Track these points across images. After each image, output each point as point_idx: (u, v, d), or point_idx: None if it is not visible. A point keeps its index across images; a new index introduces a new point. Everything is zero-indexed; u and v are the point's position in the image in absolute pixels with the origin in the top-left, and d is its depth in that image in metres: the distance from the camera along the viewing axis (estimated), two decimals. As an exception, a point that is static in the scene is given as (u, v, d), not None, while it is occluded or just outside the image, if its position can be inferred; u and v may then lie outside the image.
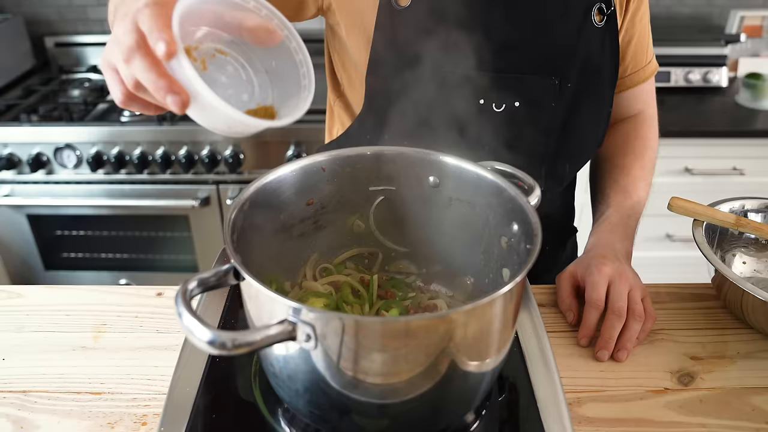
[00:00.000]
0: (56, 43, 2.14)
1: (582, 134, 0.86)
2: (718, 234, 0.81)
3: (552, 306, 0.78)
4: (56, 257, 1.93)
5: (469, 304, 0.46)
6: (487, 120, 0.80)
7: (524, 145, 0.82)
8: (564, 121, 0.83)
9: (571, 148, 0.87)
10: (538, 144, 0.83)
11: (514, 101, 0.79)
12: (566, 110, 0.82)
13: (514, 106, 0.79)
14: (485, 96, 0.79)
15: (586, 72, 0.81)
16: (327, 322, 0.45)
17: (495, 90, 0.78)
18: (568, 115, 0.83)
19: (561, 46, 0.79)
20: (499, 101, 0.79)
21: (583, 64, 0.80)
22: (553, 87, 0.79)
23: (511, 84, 0.79)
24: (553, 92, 0.80)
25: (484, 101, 0.79)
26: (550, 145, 0.84)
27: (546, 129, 0.82)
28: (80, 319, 0.76)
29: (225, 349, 0.43)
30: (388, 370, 0.48)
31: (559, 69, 0.79)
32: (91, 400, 0.64)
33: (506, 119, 0.80)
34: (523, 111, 0.80)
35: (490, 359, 0.53)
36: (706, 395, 0.66)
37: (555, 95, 0.80)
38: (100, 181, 1.75)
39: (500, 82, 0.78)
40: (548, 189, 0.88)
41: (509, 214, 0.60)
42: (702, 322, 0.76)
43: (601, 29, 0.80)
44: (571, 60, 0.79)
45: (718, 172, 1.78)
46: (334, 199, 0.67)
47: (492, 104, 0.79)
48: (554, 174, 0.88)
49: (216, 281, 0.49)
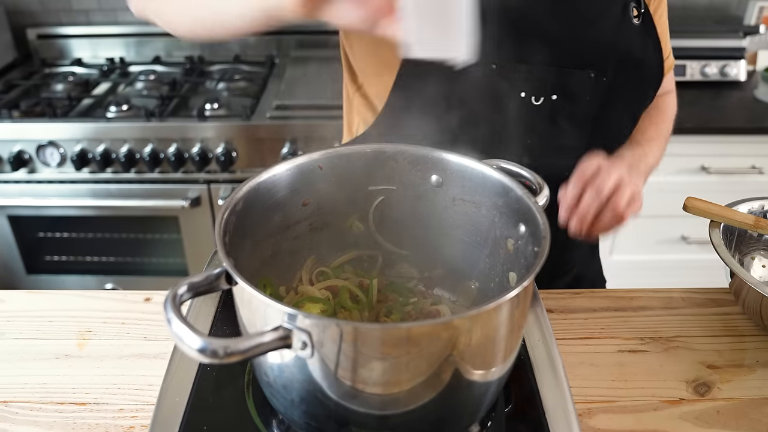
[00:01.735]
0: (39, 34, 2.14)
1: (617, 129, 0.89)
2: (736, 236, 0.81)
3: (562, 312, 0.78)
4: (39, 260, 1.93)
5: (474, 310, 0.46)
6: (526, 113, 0.83)
7: (560, 139, 0.85)
8: (598, 116, 0.86)
9: (605, 143, 0.89)
10: (574, 138, 0.86)
11: (552, 94, 0.82)
12: (601, 104, 0.85)
13: (552, 99, 0.82)
14: (526, 89, 0.82)
15: (624, 68, 0.84)
16: (324, 328, 0.45)
17: (535, 83, 0.82)
18: (602, 110, 0.85)
19: (601, 40, 0.82)
20: (538, 94, 0.82)
21: (621, 59, 0.83)
22: (590, 81, 0.82)
23: (551, 77, 0.82)
24: (590, 86, 0.83)
25: (525, 94, 0.82)
26: (585, 139, 0.87)
27: (581, 122, 0.85)
28: (64, 325, 0.76)
29: (216, 357, 0.43)
30: (389, 380, 0.48)
31: (598, 63, 0.82)
32: (76, 411, 0.64)
33: (544, 112, 0.83)
34: (560, 104, 0.83)
35: (496, 368, 0.53)
36: (724, 406, 0.66)
37: (591, 89, 0.83)
38: (84, 180, 1.75)
39: (541, 75, 0.81)
40: None
41: (516, 214, 0.60)
42: (719, 329, 0.76)
43: (639, 26, 0.85)
44: (609, 55, 0.83)
45: (735, 171, 1.78)
46: (331, 199, 0.67)
47: (531, 97, 0.82)
48: None
49: (207, 286, 0.49)
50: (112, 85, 1.96)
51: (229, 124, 1.70)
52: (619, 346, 0.74)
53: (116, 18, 2.17)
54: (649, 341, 0.74)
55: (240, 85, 1.94)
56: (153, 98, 1.82)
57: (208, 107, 1.75)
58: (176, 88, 1.91)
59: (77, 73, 2.05)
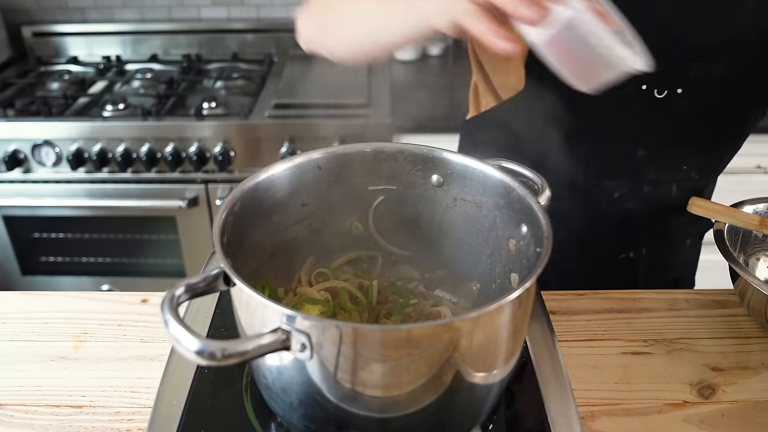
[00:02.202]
0: (34, 32, 2.15)
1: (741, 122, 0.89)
2: (741, 236, 0.81)
3: (564, 313, 0.78)
4: (34, 261, 1.93)
5: (475, 312, 0.46)
6: (648, 107, 0.82)
7: (681, 133, 0.85)
8: (725, 110, 0.85)
9: (729, 137, 0.90)
10: (697, 132, 0.86)
11: (677, 88, 0.81)
12: (729, 98, 0.84)
13: (677, 93, 0.81)
14: (648, 81, 0.81)
15: (757, 63, 0.82)
16: (323, 330, 0.45)
17: (659, 76, 0.79)
18: (730, 103, 0.84)
19: (731, 34, 0.80)
20: (662, 87, 0.80)
21: (754, 54, 0.81)
22: (718, 74, 0.81)
23: (676, 70, 0.80)
24: (718, 79, 0.81)
25: (647, 87, 0.81)
26: (708, 134, 0.87)
27: (704, 117, 0.85)
28: (60, 327, 0.76)
29: (214, 359, 0.43)
30: (389, 382, 0.48)
31: (728, 57, 0.80)
32: (72, 414, 0.64)
33: (667, 106, 0.82)
34: (684, 98, 0.82)
35: (498, 370, 0.53)
36: (729, 409, 0.66)
37: (719, 83, 0.81)
38: (80, 180, 1.75)
39: (665, 67, 0.79)
40: (701, 179, 0.92)
41: (518, 215, 0.60)
42: (724, 331, 0.76)
43: None
44: (740, 49, 0.80)
45: (740, 171, 1.78)
46: (330, 199, 0.67)
47: (654, 90, 0.81)
48: (710, 164, 0.92)
49: (205, 287, 0.49)
50: (108, 83, 1.96)
51: (227, 123, 1.70)
52: (623, 348, 0.74)
53: (112, 15, 2.18)
54: (652, 343, 0.74)
55: (238, 84, 1.94)
56: (150, 97, 1.82)
57: (205, 106, 1.75)
58: (173, 87, 1.91)
59: (73, 71, 2.05)
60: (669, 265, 1.01)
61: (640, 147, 0.87)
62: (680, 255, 1.02)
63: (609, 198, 0.91)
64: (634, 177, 0.90)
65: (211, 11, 2.18)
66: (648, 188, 0.90)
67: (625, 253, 0.97)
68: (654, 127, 0.85)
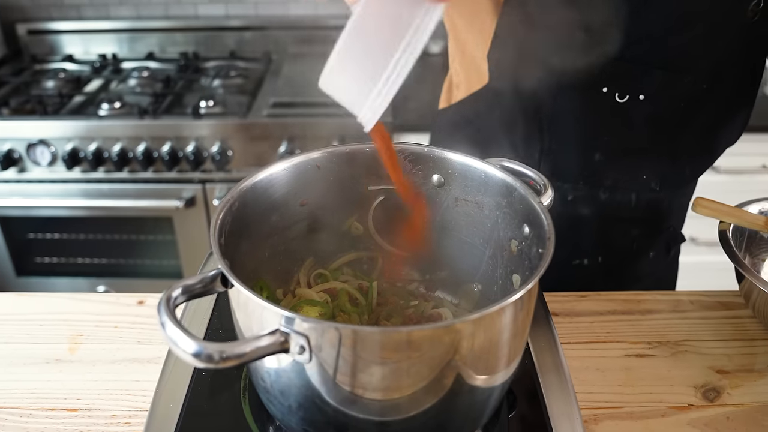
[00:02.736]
0: (29, 30, 2.15)
1: (708, 137, 0.88)
2: (747, 237, 0.81)
3: (567, 315, 0.78)
4: (29, 262, 1.93)
5: (477, 313, 0.46)
6: (609, 110, 0.82)
7: (642, 142, 0.85)
8: (690, 121, 0.84)
9: (693, 150, 0.88)
10: (658, 142, 0.85)
11: (639, 94, 0.80)
12: (694, 109, 0.83)
13: (639, 99, 0.81)
14: (609, 84, 0.81)
15: (724, 72, 0.81)
16: (322, 332, 0.45)
17: (622, 81, 0.80)
18: (695, 115, 0.84)
19: (696, 44, 0.78)
20: (623, 92, 0.80)
21: (721, 63, 0.80)
22: (684, 84, 0.80)
23: (639, 76, 0.80)
24: (684, 89, 0.81)
25: (608, 90, 0.81)
26: (668, 144, 0.86)
27: (667, 127, 0.84)
28: (55, 329, 0.76)
29: (212, 361, 0.43)
30: (389, 385, 0.48)
31: (694, 66, 0.80)
32: (67, 417, 0.64)
33: (628, 112, 0.82)
34: (647, 105, 0.81)
35: (500, 373, 0.53)
36: (734, 412, 0.66)
37: (685, 93, 0.81)
38: (76, 179, 1.75)
39: (628, 72, 0.80)
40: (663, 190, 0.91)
41: (520, 215, 0.60)
42: (729, 333, 0.76)
43: (752, 26, 0.79)
44: (705, 61, 0.79)
45: (746, 170, 1.78)
46: (330, 199, 0.67)
47: (615, 94, 0.81)
48: (671, 176, 0.90)
49: (202, 288, 0.49)
50: (104, 81, 1.96)
51: (225, 122, 1.70)
52: (626, 350, 0.74)
53: (108, 13, 2.18)
54: (656, 345, 0.74)
55: (236, 82, 1.94)
56: (146, 95, 1.82)
57: (203, 105, 1.75)
58: (170, 85, 1.91)
59: (68, 69, 2.05)
60: (633, 276, 0.99)
61: (598, 151, 0.86)
62: (644, 267, 0.99)
63: (562, 200, 0.90)
64: (589, 181, 0.89)
65: (209, 8, 2.18)
66: (604, 195, 0.90)
67: (578, 259, 0.96)
68: (613, 131, 0.84)
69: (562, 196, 0.90)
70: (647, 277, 1.00)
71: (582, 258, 0.96)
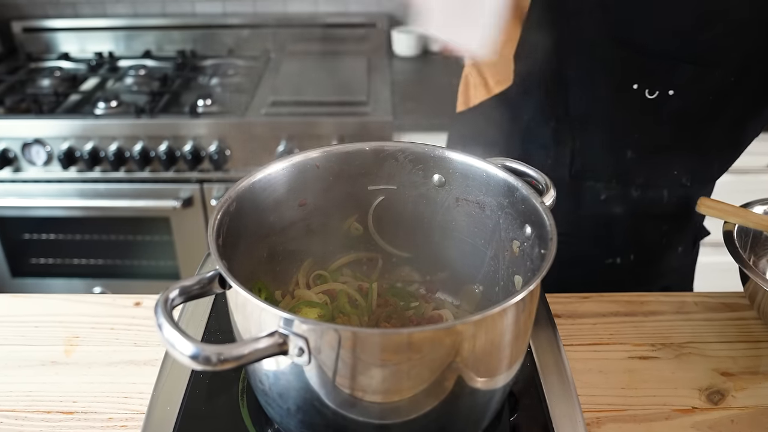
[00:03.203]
0: (24, 28, 2.15)
1: (736, 130, 0.89)
2: (751, 237, 0.81)
3: (570, 317, 0.78)
4: (24, 263, 1.93)
5: (478, 315, 0.46)
6: (639, 107, 0.82)
7: (672, 137, 0.85)
8: (718, 115, 0.85)
9: (721, 144, 0.89)
10: (687, 137, 0.86)
11: (668, 89, 0.81)
12: (723, 103, 0.83)
13: (668, 95, 0.81)
14: (639, 81, 0.81)
15: (753, 65, 0.81)
16: (321, 334, 0.45)
17: (651, 76, 0.81)
18: (724, 109, 0.84)
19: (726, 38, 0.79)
20: (653, 88, 0.81)
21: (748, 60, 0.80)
22: (713, 78, 0.80)
23: (668, 71, 0.80)
24: (713, 83, 0.81)
25: (638, 86, 0.81)
26: (700, 139, 0.86)
27: (698, 121, 0.85)
28: (50, 331, 0.76)
29: (209, 364, 0.43)
30: (389, 388, 0.48)
31: (724, 60, 0.80)
32: (63, 420, 0.64)
33: (658, 108, 0.82)
34: (676, 100, 0.82)
35: (501, 375, 0.53)
36: (738, 415, 0.66)
37: (714, 86, 0.81)
38: (72, 179, 1.75)
39: (657, 67, 0.80)
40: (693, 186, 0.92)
41: (522, 215, 0.60)
42: (733, 335, 0.76)
43: None
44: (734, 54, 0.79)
45: (750, 170, 1.78)
46: (329, 199, 0.67)
47: (645, 90, 0.81)
48: (701, 171, 0.91)
49: (200, 289, 0.49)
50: (100, 80, 1.96)
51: (223, 121, 1.70)
52: (629, 352, 0.74)
53: (105, 10, 2.18)
54: (660, 347, 0.74)
55: (234, 81, 1.94)
56: (143, 94, 1.83)
57: (200, 103, 1.75)
58: (167, 84, 1.91)
59: (64, 67, 2.05)
60: (659, 272, 1.00)
61: (629, 149, 0.87)
62: (671, 262, 1.01)
63: (595, 200, 0.91)
64: (622, 180, 0.90)
65: (206, 6, 2.18)
66: (636, 192, 0.90)
67: (611, 258, 0.97)
68: (644, 128, 0.85)
69: (595, 195, 0.91)
70: (672, 272, 1.01)
71: (615, 257, 0.97)
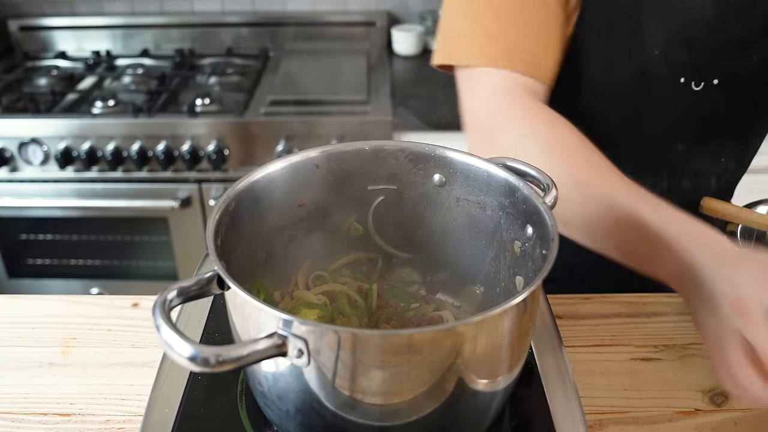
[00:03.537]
0: (21, 26, 2.15)
1: None
2: (755, 238, 0.81)
3: (571, 318, 0.78)
4: (21, 264, 1.93)
5: (479, 316, 0.46)
6: (686, 100, 0.84)
7: (719, 127, 0.87)
8: (761, 99, 0.87)
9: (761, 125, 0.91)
10: (734, 125, 0.88)
11: (713, 79, 0.82)
12: (761, 87, 0.86)
13: (713, 84, 0.83)
14: (685, 74, 0.82)
15: None
16: (321, 335, 0.45)
17: (696, 68, 0.82)
18: (762, 92, 0.86)
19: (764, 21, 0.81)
20: (699, 79, 0.82)
21: None
22: (754, 62, 0.82)
23: (711, 60, 0.82)
24: (754, 68, 0.83)
25: (684, 80, 0.83)
26: (745, 124, 0.89)
27: (743, 109, 0.87)
28: (47, 332, 0.76)
29: (208, 365, 0.43)
30: (389, 389, 0.48)
31: (764, 44, 0.82)
32: (60, 422, 0.64)
33: (704, 98, 0.84)
34: (722, 89, 0.83)
35: (502, 377, 0.53)
36: (742, 417, 0.66)
37: (755, 71, 0.83)
38: (69, 179, 1.75)
39: (702, 58, 0.82)
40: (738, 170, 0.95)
41: (523, 215, 0.60)
42: (737, 336, 0.76)
43: None
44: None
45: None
46: (329, 199, 0.67)
47: (692, 83, 0.83)
48: (746, 156, 0.95)
49: (198, 290, 0.49)
50: (97, 79, 1.96)
51: (221, 120, 1.70)
52: (632, 353, 0.74)
53: (102, 9, 2.18)
54: (663, 349, 0.74)
55: (233, 80, 1.94)
56: (141, 93, 1.83)
57: (199, 102, 1.75)
58: (165, 83, 1.91)
59: (61, 66, 2.05)
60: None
61: (680, 142, 0.88)
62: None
63: None
64: (673, 173, 0.91)
65: (205, 4, 2.18)
66: (688, 183, 0.92)
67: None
68: (692, 120, 0.86)
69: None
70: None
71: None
